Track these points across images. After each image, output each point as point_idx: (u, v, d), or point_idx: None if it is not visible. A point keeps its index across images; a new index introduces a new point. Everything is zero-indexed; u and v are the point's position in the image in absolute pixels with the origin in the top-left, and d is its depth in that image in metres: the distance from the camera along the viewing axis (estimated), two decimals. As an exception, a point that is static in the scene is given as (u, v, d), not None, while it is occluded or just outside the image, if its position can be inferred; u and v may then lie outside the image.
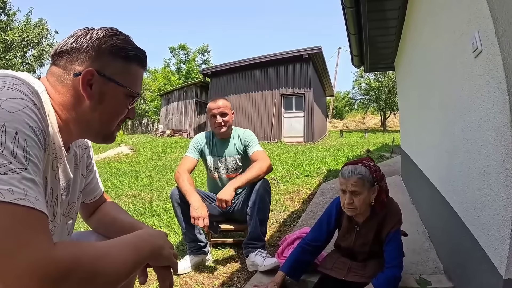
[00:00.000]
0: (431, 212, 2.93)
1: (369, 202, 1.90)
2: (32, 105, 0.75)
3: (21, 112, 0.71)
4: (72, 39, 0.96)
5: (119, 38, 0.99)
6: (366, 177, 1.87)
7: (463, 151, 1.97)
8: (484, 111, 1.61)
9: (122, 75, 0.99)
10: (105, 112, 0.99)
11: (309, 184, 5.83)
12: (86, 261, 0.70)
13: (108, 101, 0.98)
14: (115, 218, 1.27)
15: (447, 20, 2.24)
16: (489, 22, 1.47)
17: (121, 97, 1.01)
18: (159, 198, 5.44)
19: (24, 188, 0.66)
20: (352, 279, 1.94)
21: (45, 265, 0.62)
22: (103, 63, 0.95)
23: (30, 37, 20.22)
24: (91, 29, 0.98)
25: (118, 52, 0.97)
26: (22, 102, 0.73)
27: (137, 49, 1.02)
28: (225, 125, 2.89)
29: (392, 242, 1.89)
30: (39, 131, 0.75)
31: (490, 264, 1.53)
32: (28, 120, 0.72)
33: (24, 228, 0.63)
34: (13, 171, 0.66)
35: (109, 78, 0.96)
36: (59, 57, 0.96)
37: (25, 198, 0.65)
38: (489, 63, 1.52)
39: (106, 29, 0.99)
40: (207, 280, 2.53)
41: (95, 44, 0.94)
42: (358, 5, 3.80)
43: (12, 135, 0.67)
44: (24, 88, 0.77)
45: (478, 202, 1.71)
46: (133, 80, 1.03)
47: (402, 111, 5.60)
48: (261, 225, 2.67)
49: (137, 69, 1.03)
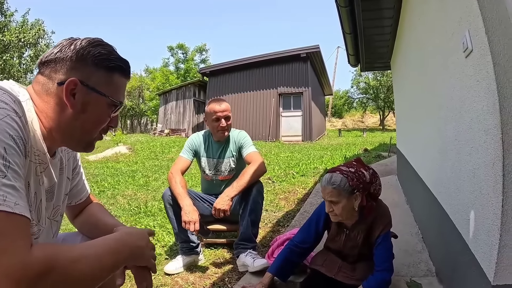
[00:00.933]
0: (425, 213, 2.91)
1: (352, 208, 1.86)
2: (13, 114, 0.78)
3: (1, 121, 0.74)
4: (57, 48, 0.98)
5: (102, 48, 1.00)
6: (341, 187, 1.81)
7: (455, 153, 1.95)
8: (475, 112, 1.59)
9: (104, 85, 1.00)
10: (88, 121, 1.00)
11: (304, 184, 5.80)
12: (61, 264, 0.73)
13: (91, 110, 0.99)
14: (98, 220, 1.29)
15: (439, 19, 2.22)
16: (479, 21, 1.44)
17: (104, 107, 1.02)
18: (154, 198, 5.41)
19: (3, 194, 0.69)
20: (341, 279, 1.94)
21: (21, 268, 0.66)
22: (86, 73, 0.97)
23: (27, 38, 20.18)
24: (76, 39, 1.00)
25: (100, 62, 0.99)
26: (2, 112, 0.76)
27: (120, 59, 1.04)
28: (228, 129, 2.86)
29: (382, 245, 1.87)
30: (19, 139, 0.78)
31: (479, 269, 1.50)
32: (8, 128, 0.75)
33: (2, 233, 0.67)
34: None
35: (92, 88, 0.98)
36: (44, 66, 0.98)
37: (4, 203, 0.68)
38: (480, 63, 1.49)
39: (89, 39, 1.01)
40: (198, 280, 2.52)
41: (78, 54, 0.97)
42: (352, 4, 3.78)
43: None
44: (6, 97, 0.80)
45: (469, 205, 1.69)
46: (116, 90, 1.04)
47: (398, 111, 5.59)
48: (252, 227, 2.66)
49: (119, 79, 1.05)
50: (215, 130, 2.86)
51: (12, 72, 19.77)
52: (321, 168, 7.32)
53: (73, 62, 0.96)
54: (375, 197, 1.94)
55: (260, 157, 2.82)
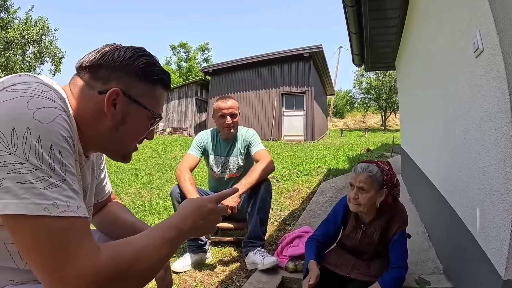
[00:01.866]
0: (431, 211, 2.92)
1: (374, 203, 1.90)
2: (63, 113, 0.77)
3: (54, 122, 0.74)
4: (99, 54, 0.95)
5: (147, 58, 0.98)
6: (376, 177, 1.89)
7: (464, 151, 1.97)
8: (485, 111, 1.61)
9: (146, 97, 0.98)
10: (126, 132, 0.99)
11: (309, 183, 5.82)
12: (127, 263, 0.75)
13: (130, 122, 0.98)
14: (116, 217, 1.28)
15: (447, 19, 2.23)
16: (490, 22, 1.47)
17: (144, 119, 1.00)
18: (158, 196, 5.43)
19: (66, 199, 0.71)
20: (356, 276, 1.95)
21: (93, 272, 0.69)
22: (128, 84, 0.95)
23: (30, 35, 20.14)
24: (119, 47, 0.98)
25: (144, 74, 0.97)
26: (54, 112, 0.75)
27: (163, 72, 1.02)
28: (234, 126, 2.86)
29: (398, 243, 1.90)
30: (70, 139, 0.78)
31: (489, 264, 1.52)
32: (61, 130, 0.75)
33: (71, 239, 0.69)
34: (54, 184, 0.70)
35: (133, 99, 0.96)
36: (84, 70, 0.95)
37: (69, 209, 0.70)
38: (490, 63, 1.51)
39: (134, 48, 0.98)
40: (206, 279, 2.53)
41: (122, 64, 0.94)
42: (359, 3, 3.80)
43: (48, 149, 0.71)
44: (54, 95, 0.79)
45: (478, 203, 1.71)
46: (156, 103, 1.02)
47: (403, 110, 5.60)
48: (261, 224, 2.67)
49: (161, 91, 1.03)
50: (221, 127, 2.88)
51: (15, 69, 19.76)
52: (324, 167, 7.34)
53: (116, 71, 0.94)
54: (394, 199, 1.98)
55: (269, 155, 2.83)
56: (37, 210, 0.67)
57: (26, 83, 0.78)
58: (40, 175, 0.69)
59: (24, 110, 0.71)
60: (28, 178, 0.68)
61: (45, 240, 0.67)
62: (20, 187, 0.67)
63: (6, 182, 0.67)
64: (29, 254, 0.68)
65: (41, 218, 0.67)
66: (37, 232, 0.67)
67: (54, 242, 0.67)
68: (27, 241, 0.67)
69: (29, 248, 0.68)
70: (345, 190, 4.89)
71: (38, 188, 0.68)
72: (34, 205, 0.67)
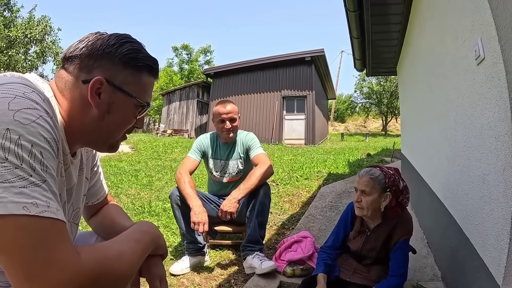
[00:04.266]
0: (430, 218, 2.92)
1: (378, 207, 1.91)
2: (45, 115, 0.74)
3: (35, 123, 0.71)
4: (82, 43, 0.93)
5: (131, 45, 0.95)
6: (377, 180, 1.90)
7: (464, 158, 1.97)
8: (485, 118, 1.60)
9: (132, 85, 0.95)
10: (113, 122, 0.96)
11: (308, 187, 5.82)
12: (108, 265, 0.73)
13: (116, 111, 0.95)
14: (114, 222, 1.25)
15: (449, 26, 2.24)
16: (492, 30, 1.47)
17: (130, 107, 0.98)
18: (158, 198, 5.42)
19: (46, 200, 0.67)
20: (356, 280, 1.95)
21: (75, 279, 0.65)
22: (113, 72, 0.92)
23: (33, 34, 20.14)
24: (103, 35, 0.95)
25: (129, 61, 0.94)
26: (35, 113, 0.72)
27: (149, 58, 0.99)
28: (233, 130, 2.87)
29: (399, 251, 1.89)
30: (53, 141, 0.75)
31: (487, 272, 1.52)
32: (43, 131, 0.72)
33: (51, 242, 0.65)
34: (34, 183, 0.67)
35: (118, 87, 0.93)
36: (68, 61, 0.93)
37: (49, 210, 0.67)
38: (492, 71, 1.51)
39: (118, 35, 0.96)
40: (204, 282, 2.53)
41: (106, 51, 0.91)
42: (361, 9, 3.81)
43: (28, 149, 0.68)
44: (36, 96, 0.76)
45: (477, 210, 1.71)
46: (143, 90, 0.99)
47: (404, 116, 5.60)
48: (259, 229, 2.66)
49: (147, 78, 1.00)
50: (220, 131, 2.89)
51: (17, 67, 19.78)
52: (324, 172, 7.33)
53: (100, 59, 0.91)
54: (402, 207, 1.97)
55: (268, 159, 2.82)
56: (16, 209, 0.63)
57: (8, 84, 0.75)
58: (19, 173, 0.65)
59: (5, 111, 0.68)
60: (6, 177, 0.64)
61: (24, 241, 0.63)
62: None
63: None
64: (6, 258, 0.63)
65: (20, 217, 0.63)
66: (15, 233, 0.63)
67: (34, 243, 0.63)
68: (5, 243, 0.63)
69: (6, 250, 0.63)
70: (344, 195, 4.88)
71: (18, 187, 0.64)
72: (12, 204, 0.63)
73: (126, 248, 0.83)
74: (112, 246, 0.81)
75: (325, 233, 3.28)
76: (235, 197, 2.57)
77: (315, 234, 3.29)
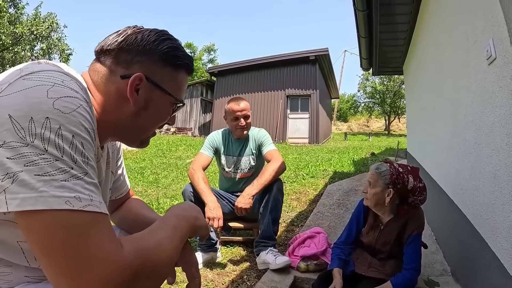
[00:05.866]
0: (438, 215, 2.96)
1: (383, 202, 1.96)
2: (85, 104, 0.71)
3: (75, 112, 0.67)
4: (121, 37, 0.90)
5: (171, 43, 0.94)
6: (381, 175, 1.97)
7: (474, 155, 2.02)
8: (496, 116, 1.65)
9: (169, 83, 0.94)
10: (148, 118, 0.95)
11: (315, 185, 5.86)
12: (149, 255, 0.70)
13: (153, 108, 0.93)
14: (138, 214, 1.23)
15: (460, 27, 2.28)
16: (504, 31, 1.52)
17: (166, 105, 0.96)
18: (165, 195, 5.46)
19: (89, 193, 0.64)
20: (371, 274, 1.99)
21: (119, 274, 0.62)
22: (152, 69, 0.90)
23: (39, 31, 20.19)
24: (142, 29, 0.93)
25: (168, 59, 0.92)
26: (75, 101, 0.69)
27: (186, 57, 0.97)
28: (247, 127, 2.90)
29: (412, 245, 1.93)
30: (92, 132, 0.72)
31: (499, 265, 1.57)
32: (83, 121, 0.69)
33: (95, 237, 0.62)
34: (75, 176, 0.64)
35: (157, 85, 0.91)
36: (105, 55, 0.90)
37: (92, 203, 0.64)
38: (503, 70, 1.56)
39: (157, 32, 0.94)
40: (217, 278, 2.55)
41: (146, 48, 0.89)
42: (370, 8, 3.85)
43: (69, 139, 0.65)
44: (75, 85, 0.72)
45: (488, 205, 1.76)
46: (179, 88, 0.98)
47: (410, 115, 5.63)
48: (273, 224, 2.68)
49: (183, 76, 0.99)
50: (234, 129, 2.91)
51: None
52: (330, 170, 7.37)
53: (139, 55, 0.89)
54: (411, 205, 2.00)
55: (280, 156, 2.85)
56: (58, 203, 0.59)
57: (45, 71, 0.72)
58: (60, 166, 0.62)
59: (43, 99, 0.64)
60: (47, 170, 0.61)
61: (66, 238, 0.59)
62: (38, 180, 0.60)
63: (22, 175, 0.59)
64: (47, 256, 0.60)
65: (62, 212, 0.60)
66: (57, 229, 0.59)
67: (77, 239, 0.60)
68: (45, 240, 0.59)
69: (46, 248, 0.60)
70: (351, 193, 4.93)
71: (59, 180, 0.61)
72: (54, 198, 0.59)
73: (164, 236, 0.79)
74: (150, 235, 0.77)
75: (335, 230, 3.33)
76: (249, 193, 2.59)
77: (325, 231, 3.32)
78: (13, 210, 0.59)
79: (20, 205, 0.58)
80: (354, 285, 1.96)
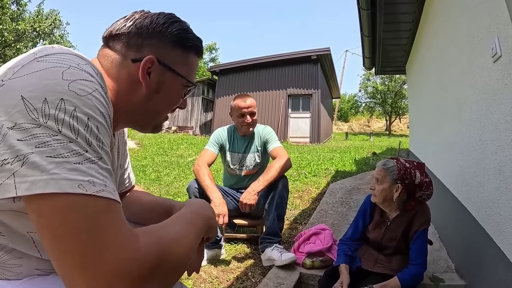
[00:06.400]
0: (441, 212, 2.97)
1: (391, 197, 1.98)
2: (100, 88, 0.68)
3: (91, 96, 0.64)
4: (130, 22, 0.89)
5: (180, 25, 0.93)
6: (389, 171, 1.98)
7: (479, 152, 2.03)
8: (502, 113, 1.67)
9: (180, 65, 0.93)
10: (160, 102, 0.94)
11: (317, 184, 5.87)
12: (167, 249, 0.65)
13: (165, 91, 0.92)
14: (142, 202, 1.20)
15: (465, 25, 2.30)
16: (509, 28, 1.54)
17: (178, 87, 0.96)
18: (168, 193, 5.46)
19: (103, 179, 0.60)
20: (378, 270, 2.01)
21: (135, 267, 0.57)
22: (163, 51, 0.89)
23: (42, 28, 20.19)
24: (149, 13, 0.93)
25: (178, 41, 0.92)
26: (91, 85, 0.66)
27: (196, 39, 0.97)
28: (253, 124, 2.91)
29: (418, 241, 1.95)
30: (108, 117, 0.69)
31: (505, 260, 1.58)
32: (98, 104, 0.65)
33: (109, 224, 0.57)
34: (90, 160, 0.60)
35: (168, 67, 0.90)
36: (114, 40, 0.89)
37: (106, 189, 0.59)
38: (508, 68, 1.58)
39: (166, 15, 0.93)
40: (222, 274, 2.56)
41: (156, 31, 0.89)
42: (374, 7, 3.86)
43: (84, 122, 0.61)
44: (90, 69, 0.70)
45: (493, 201, 1.77)
46: (190, 70, 0.97)
47: (413, 114, 5.64)
48: (278, 221, 2.68)
49: (194, 58, 0.98)
50: (239, 125, 2.92)
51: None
52: (332, 169, 7.39)
53: (150, 38, 0.88)
54: (420, 203, 2.02)
55: (286, 152, 2.87)
56: (70, 187, 0.55)
57: (60, 53, 0.70)
58: (74, 148, 0.58)
59: (59, 81, 0.62)
60: (60, 152, 0.57)
61: (79, 224, 0.54)
62: (50, 161, 0.56)
63: (33, 157, 0.55)
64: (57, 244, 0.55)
65: (75, 196, 0.55)
66: (69, 214, 0.54)
67: (90, 226, 0.55)
68: (55, 226, 0.54)
69: (57, 235, 0.54)
70: (354, 191, 4.94)
71: (72, 163, 0.57)
72: (66, 181, 0.55)
73: (181, 230, 0.75)
74: (167, 228, 0.73)
75: (339, 228, 3.34)
76: (254, 189, 2.60)
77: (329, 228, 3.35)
78: (23, 194, 0.55)
79: (30, 189, 0.54)
80: (360, 281, 1.97)
